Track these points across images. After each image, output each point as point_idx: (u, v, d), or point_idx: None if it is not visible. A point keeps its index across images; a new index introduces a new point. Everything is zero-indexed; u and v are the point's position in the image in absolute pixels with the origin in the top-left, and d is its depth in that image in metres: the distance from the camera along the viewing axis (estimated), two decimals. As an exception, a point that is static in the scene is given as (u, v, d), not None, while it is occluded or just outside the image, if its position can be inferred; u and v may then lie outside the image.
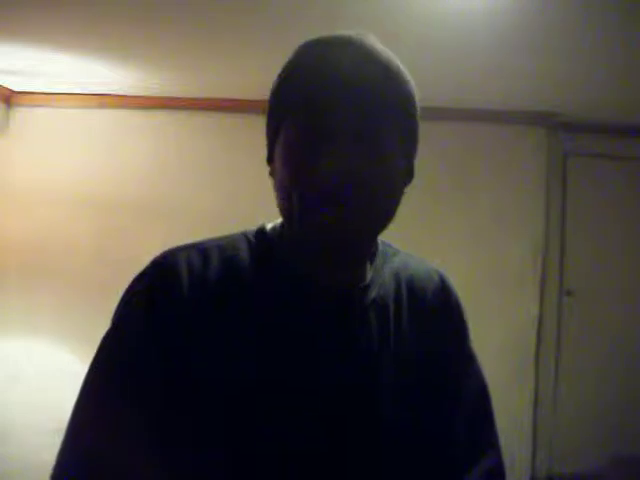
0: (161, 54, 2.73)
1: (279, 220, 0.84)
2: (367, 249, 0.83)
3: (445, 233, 3.52)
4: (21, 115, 3.48)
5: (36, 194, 3.42)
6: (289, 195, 0.74)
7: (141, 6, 2.17)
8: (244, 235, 0.83)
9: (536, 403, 3.62)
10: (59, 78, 3.17)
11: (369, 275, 0.83)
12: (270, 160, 0.81)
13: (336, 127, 0.72)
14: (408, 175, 0.82)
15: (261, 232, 0.84)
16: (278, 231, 0.84)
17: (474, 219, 3.54)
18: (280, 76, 0.80)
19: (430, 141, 3.99)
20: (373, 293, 0.81)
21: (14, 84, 3.32)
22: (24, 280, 3.38)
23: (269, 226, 0.85)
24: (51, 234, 3.41)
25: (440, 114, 3.43)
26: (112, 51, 2.69)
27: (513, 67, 2.70)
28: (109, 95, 3.40)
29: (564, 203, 3.76)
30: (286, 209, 0.76)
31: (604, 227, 3.75)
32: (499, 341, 3.50)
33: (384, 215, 0.78)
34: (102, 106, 3.45)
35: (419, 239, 3.46)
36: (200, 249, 0.79)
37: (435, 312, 0.87)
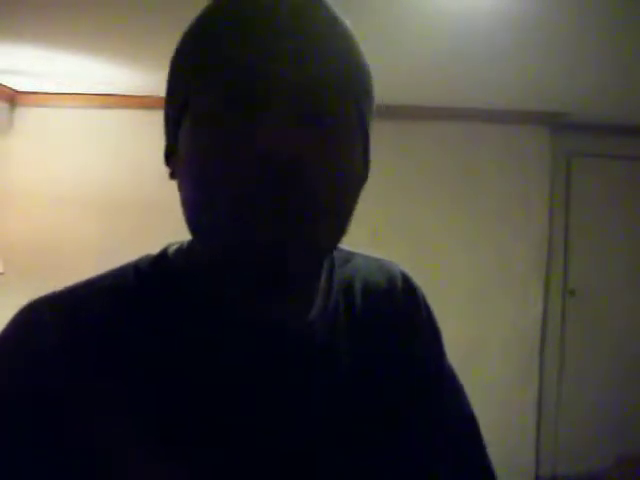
0: (166, 54, 2.73)
1: (189, 238, 0.63)
2: (310, 276, 0.63)
3: (449, 233, 3.52)
4: (25, 115, 3.49)
5: (40, 194, 3.43)
6: (203, 197, 0.54)
7: (146, 6, 2.17)
8: (135, 267, 0.62)
9: (540, 403, 3.62)
10: (63, 78, 3.17)
11: (314, 302, 0.63)
12: (170, 155, 0.59)
13: (273, 94, 0.51)
14: (365, 174, 0.62)
15: (160, 260, 0.63)
16: (184, 255, 0.63)
17: (478, 219, 3.54)
18: (190, 29, 0.58)
19: (435, 141, 3.97)
20: (319, 325, 0.63)
21: (18, 84, 3.32)
22: (29, 280, 3.38)
23: (172, 249, 0.64)
24: (55, 234, 3.42)
25: (444, 114, 3.43)
26: (117, 51, 2.69)
27: (518, 67, 2.70)
28: (114, 95, 3.41)
29: (568, 203, 3.76)
30: (198, 218, 0.56)
31: (608, 227, 3.75)
32: (503, 341, 3.51)
33: (339, 223, 0.57)
34: (107, 106, 3.46)
35: (423, 240, 3.47)
36: (70, 298, 0.59)
37: (401, 321, 0.70)
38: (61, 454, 0.53)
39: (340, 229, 0.58)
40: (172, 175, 0.60)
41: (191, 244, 0.63)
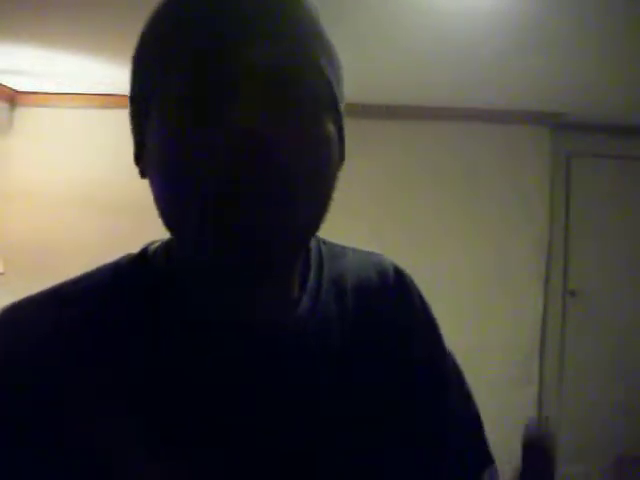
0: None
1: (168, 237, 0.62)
2: (293, 260, 0.61)
3: (449, 233, 3.52)
4: (25, 115, 3.49)
5: (40, 194, 3.43)
6: (178, 188, 0.52)
7: (146, 6, 2.17)
8: (116, 266, 0.62)
9: (540, 403, 3.62)
10: (63, 78, 3.17)
11: (302, 300, 0.62)
12: (139, 155, 0.59)
13: (241, 77, 0.50)
14: (341, 155, 0.59)
15: (139, 258, 0.62)
16: (164, 253, 0.62)
17: (478, 218, 3.54)
18: (151, 20, 0.58)
19: (435, 140, 3.95)
20: (310, 324, 0.61)
21: (18, 84, 3.32)
22: (29, 280, 3.38)
23: (152, 248, 0.63)
24: (55, 234, 3.42)
25: (444, 114, 3.43)
26: (117, 51, 2.69)
27: (518, 67, 2.70)
28: (114, 95, 3.41)
29: (568, 203, 3.76)
30: (174, 212, 0.54)
31: (608, 227, 3.74)
32: (503, 341, 3.50)
33: (318, 205, 0.56)
34: (107, 106, 3.45)
35: (423, 239, 3.46)
36: (53, 298, 0.59)
37: (395, 315, 0.69)
38: (55, 454, 0.52)
39: (319, 211, 0.56)
40: (143, 174, 0.58)
41: (171, 242, 0.62)
